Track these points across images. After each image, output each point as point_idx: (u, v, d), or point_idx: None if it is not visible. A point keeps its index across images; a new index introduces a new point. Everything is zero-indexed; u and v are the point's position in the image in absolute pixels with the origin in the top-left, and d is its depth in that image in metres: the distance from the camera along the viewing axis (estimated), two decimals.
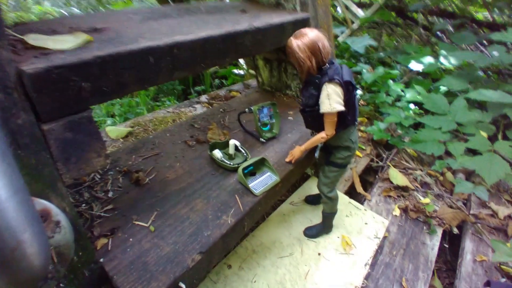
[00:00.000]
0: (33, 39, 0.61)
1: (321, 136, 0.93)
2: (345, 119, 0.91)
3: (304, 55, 0.82)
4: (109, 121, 2.32)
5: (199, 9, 0.96)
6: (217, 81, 2.94)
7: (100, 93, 0.63)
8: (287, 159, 1.08)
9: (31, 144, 0.61)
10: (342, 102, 0.86)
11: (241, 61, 2.84)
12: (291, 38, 0.86)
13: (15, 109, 0.59)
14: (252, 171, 1.01)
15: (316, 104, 0.89)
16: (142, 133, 1.65)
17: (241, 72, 2.76)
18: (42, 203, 0.64)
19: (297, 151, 1.05)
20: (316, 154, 1.06)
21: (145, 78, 0.69)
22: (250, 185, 0.94)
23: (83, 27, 0.72)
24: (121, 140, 1.56)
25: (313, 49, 0.82)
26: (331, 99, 0.84)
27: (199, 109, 1.87)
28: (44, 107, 0.59)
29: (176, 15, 0.88)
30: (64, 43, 0.59)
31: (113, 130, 1.58)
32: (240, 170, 0.94)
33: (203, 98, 2.06)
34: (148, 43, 0.64)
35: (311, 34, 0.83)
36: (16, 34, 0.68)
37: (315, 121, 0.94)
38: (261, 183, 0.97)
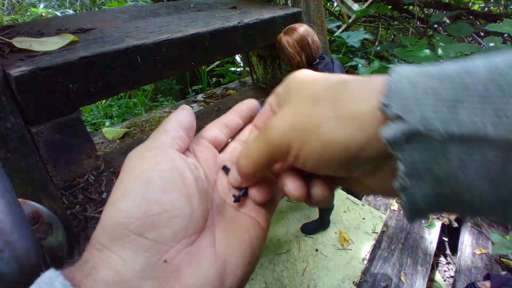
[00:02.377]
0: (19, 42, 0.61)
1: None
2: None
3: (293, 50, 0.82)
4: (107, 122, 2.33)
5: (188, 6, 0.95)
6: (214, 79, 2.93)
7: (88, 94, 0.63)
8: None
9: (21, 147, 0.61)
10: None
11: (238, 59, 2.84)
12: (281, 34, 0.86)
13: (3, 113, 0.59)
14: None
15: None
16: (138, 133, 1.65)
17: (238, 69, 2.75)
18: (33, 206, 0.64)
19: None
20: None
21: (133, 77, 0.68)
22: None
23: (70, 28, 0.72)
24: (117, 141, 1.56)
25: (302, 44, 0.81)
26: None
27: (196, 108, 1.87)
28: (31, 109, 0.59)
29: (164, 12, 0.88)
30: (49, 44, 0.59)
31: (110, 131, 1.58)
32: None
33: (200, 97, 2.05)
34: (135, 42, 0.64)
35: (300, 29, 0.83)
36: (3, 38, 0.68)
37: None
38: None
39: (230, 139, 0.23)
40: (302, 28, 0.83)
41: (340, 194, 1.49)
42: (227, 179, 0.21)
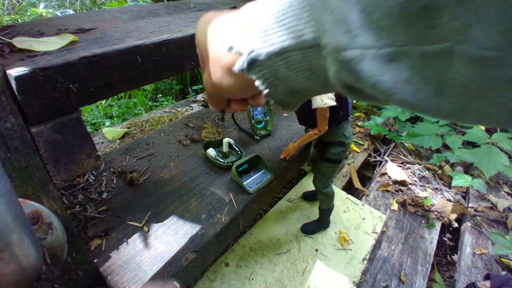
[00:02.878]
0: (19, 41, 0.61)
1: (314, 132, 0.93)
2: (337, 114, 0.91)
3: None
4: (107, 122, 2.33)
5: (188, 6, 0.95)
6: None
7: (88, 94, 0.63)
8: (282, 156, 1.08)
9: (21, 147, 0.61)
10: (334, 97, 0.85)
11: None
12: None
13: (3, 113, 0.59)
14: (247, 169, 1.01)
15: (308, 100, 0.88)
16: (138, 133, 1.65)
17: None
18: (33, 205, 0.64)
19: (291, 148, 1.05)
20: (311, 150, 1.06)
21: (133, 78, 0.68)
22: (244, 183, 0.94)
23: (70, 28, 0.72)
24: (117, 141, 1.56)
25: None
26: (322, 95, 0.83)
27: (196, 108, 1.87)
28: (32, 109, 0.59)
29: (164, 13, 0.88)
30: (49, 44, 0.59)
31: (110, 131, 1.58)
32: (233, 168, 0.94)
33: (200, 97, 2.05)
34: (135, 42, 0.64)
35: None
36: (3, 38, 0.68)
37: (307, 117, 0.94)
38: (255, 180, 0.97)
39: None
40: None
41: (340, 194, 1.49)
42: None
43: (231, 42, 0.22)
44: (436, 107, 0.15)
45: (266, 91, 0.22)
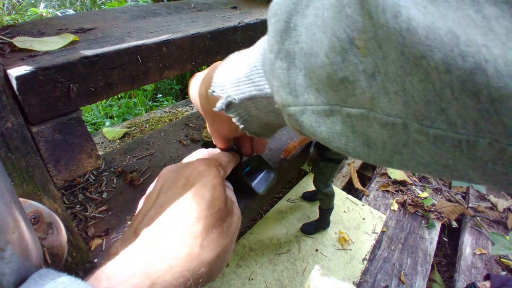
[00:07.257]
0: (20, 41, 0.61)
1: None
2: None
3: None
4: (107, 122, 2.33)
5: (189, 7, 0.95)
6: None
7: (89, 93, 0.63)
8: (282, 156, 1.08)
9: (21, 146, 0.61)
10: None
11: None
12: None
13: (4, 112, 0.59)
14: (249, 171, 1.00)
15: None
16: (138, 133, 1.65)
17: None
18: (34, 205, 0.64)
19: (291, 147, 1.05)
20: (311, 150, 1.06)
21: (134, 77, 0.69)
22: (252, 185, 0.93)
23: (71, 27, 0.72)
24: (118, 141, 1.56)
25: None
26: None
27: (196, 108, 1.87)
28: (32, 109, 0.59)
29: (165, 12, 0.88)
30: (50, 44, 0.59)
31: (110, 131, 1.58)
32: (238, 172, 0.93)
33: None
34: (135, 42, 0.64)
35: None
36: (4, 38, 0.68)
37: None
38: (261, 181, 0.96)
39: None
40: None
41: (340, 195, 1.49)
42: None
43: (212, 87, 0.29)
44: (366, 155, 0.18)
45: (242, 126, 0.29)
